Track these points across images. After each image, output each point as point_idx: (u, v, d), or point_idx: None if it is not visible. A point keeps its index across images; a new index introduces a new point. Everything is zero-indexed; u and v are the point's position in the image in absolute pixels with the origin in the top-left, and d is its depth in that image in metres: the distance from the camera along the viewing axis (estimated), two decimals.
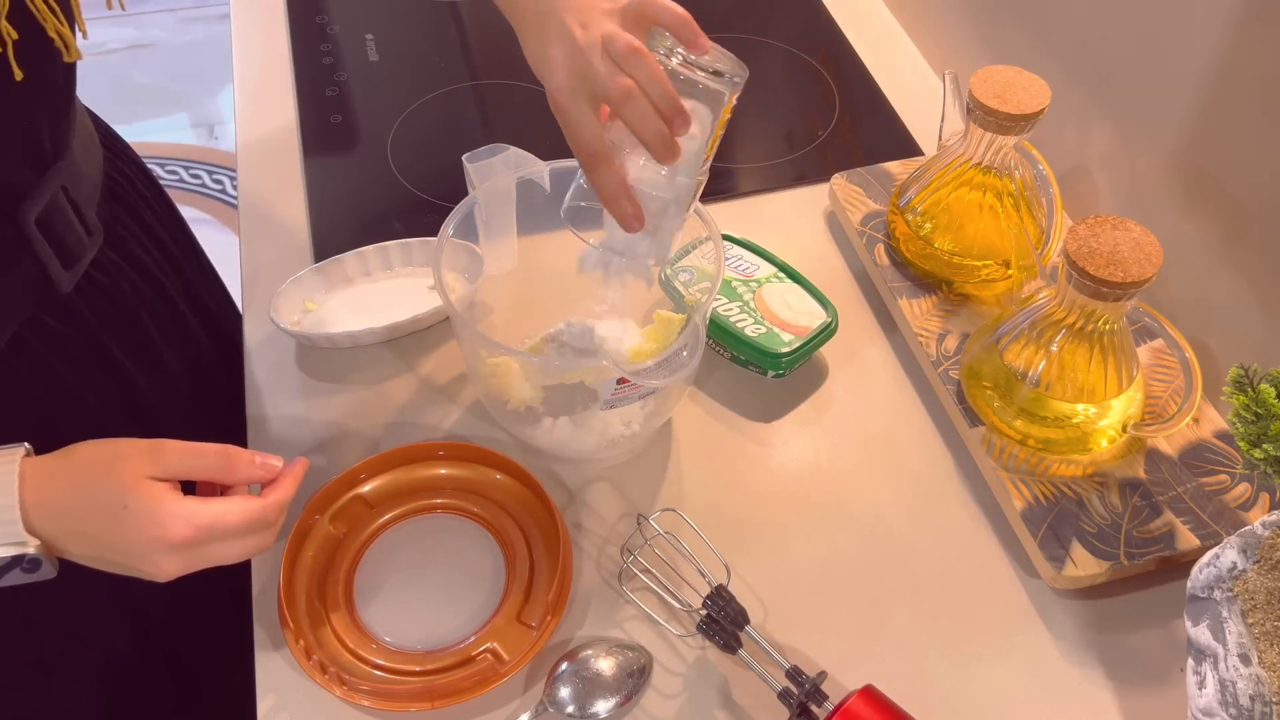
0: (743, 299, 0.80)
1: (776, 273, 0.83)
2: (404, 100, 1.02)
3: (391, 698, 0.63)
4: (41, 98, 0.64)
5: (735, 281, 0.82)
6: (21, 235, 0.64)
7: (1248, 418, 0.57)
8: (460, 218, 0.72)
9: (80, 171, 0.70)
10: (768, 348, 0.78)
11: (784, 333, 0.78)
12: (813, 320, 0.80)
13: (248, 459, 0.59)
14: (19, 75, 0.57)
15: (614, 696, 0.63)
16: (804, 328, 0.79)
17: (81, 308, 0.71)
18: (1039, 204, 0.81)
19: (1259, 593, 0.55)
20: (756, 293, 0.81)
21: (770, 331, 0.78)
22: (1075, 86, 0.86)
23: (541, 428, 0.74)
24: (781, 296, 0.81)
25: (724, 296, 0.80)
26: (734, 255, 0.84)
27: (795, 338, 0.78)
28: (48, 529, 0.54)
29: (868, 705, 0.58)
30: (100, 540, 0.55)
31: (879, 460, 0.77)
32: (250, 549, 0.59)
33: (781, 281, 0.82)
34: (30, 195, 0.64)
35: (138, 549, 0.55)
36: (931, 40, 1.09)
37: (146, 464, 0.55)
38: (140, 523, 0.54)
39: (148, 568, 0.56)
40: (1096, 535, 0.69)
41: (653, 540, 0.70)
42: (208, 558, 0.57)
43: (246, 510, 0.57)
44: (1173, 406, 0.76)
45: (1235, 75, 0.71)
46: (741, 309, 0.80)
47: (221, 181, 2.35)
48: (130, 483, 0.54)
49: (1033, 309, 0.72)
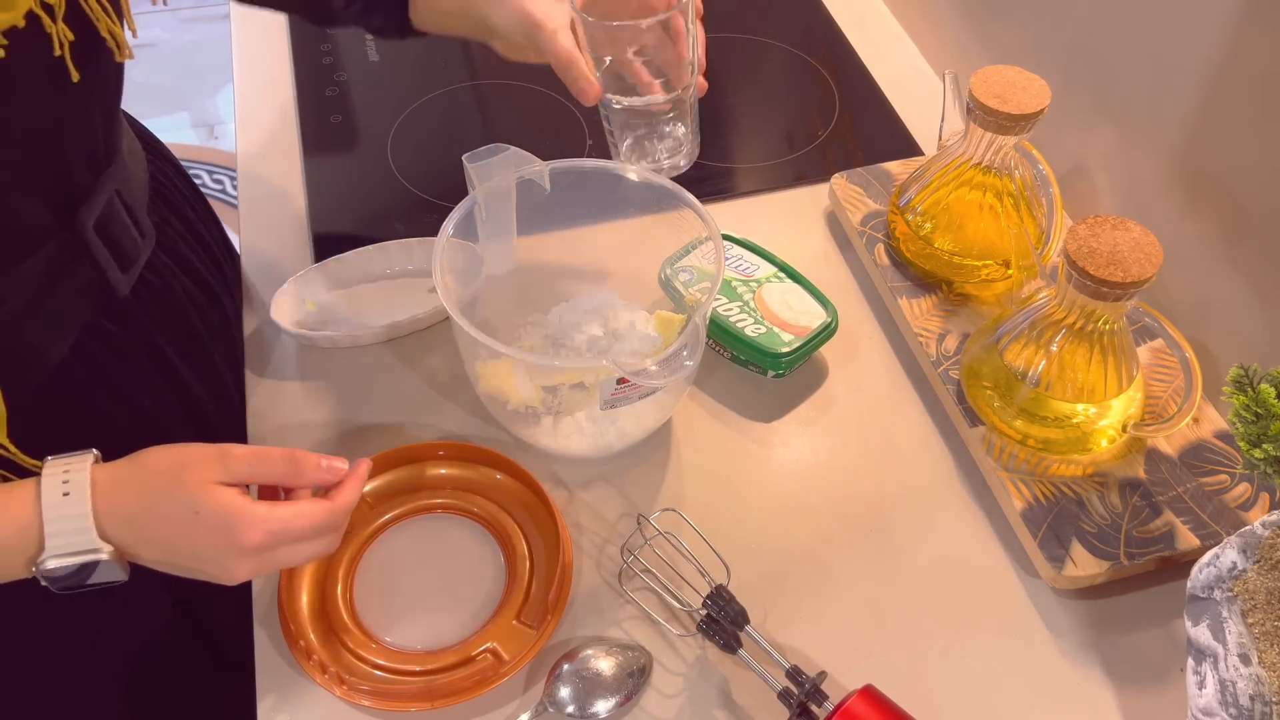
0: (743, 299, 0.80)
1: (776, 272, 0.83)
2: (404, 100, 1.02)
3: (391, 698, 0.63)
4: (95, 99, 0.64)
5: (735, 281, 0.82)
6: (81, 241, 0.65)
7: (1248, 418, 0.57)
8: (460, 218, 0.72)
9: (130, 173, 0.71)
10: (768, 348, 0.78)
11: (784, 333, 0.78)
12: (813, 320, 0.79)
13: (314, 462, 0.59)
14: (75, 76, 0.57)
15: (614, 696, 0.63)
16: (804, 328, 0.79)
17: (137, 311, 0.72)
18: (1039, 204, 0.81)
19: (1259, 593, 0.55)
20: (756, 293, 0.81)
21: (770, 331, 0.78)
22: (1075, 86, 0.86)
23: (541, 428, 0.74)
24: (781, 296, 0.81)
25: (724, 296, 0.80)
26: (734, 255, 0.84)
27: (795, 338, 0.78)
28: (120, 536, 0.55)
29: (868, 705, 0.58)
30: (172, 547, 0.56)
31: (879, 460, 0.77)
32: (318, 552, 0.59)
33: (781, 281, 0.82)
34: (87, 200, 0.65)
35: (210, 555, 0.56)
36: (931, 40, 1.09)
37: (214, 470, 0.55)
38: (212, 529, 0.55)
39: (219, 573, 0.56)
40: (1096, 535, 0.69)
41: (653, 540, 0.70)
42: (277, 561, 0.57)
43: (315, 515, 0.57)
44: (1173, 406, 0.76)
45: (1235, 75, 0.71)
46: (742, 309, 0.80)
47: (221, 181, 2.35)
48: (199, 490, 0.55)
49: (1033, 309, 0.72)
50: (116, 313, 0.70)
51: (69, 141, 0.63)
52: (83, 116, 0.64)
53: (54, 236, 0.63)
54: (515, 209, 0.76)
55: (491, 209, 0.75)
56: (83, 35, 0.58)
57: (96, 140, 0.66)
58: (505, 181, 0.74)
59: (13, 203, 0.60)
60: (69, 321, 0.66)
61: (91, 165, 0.66)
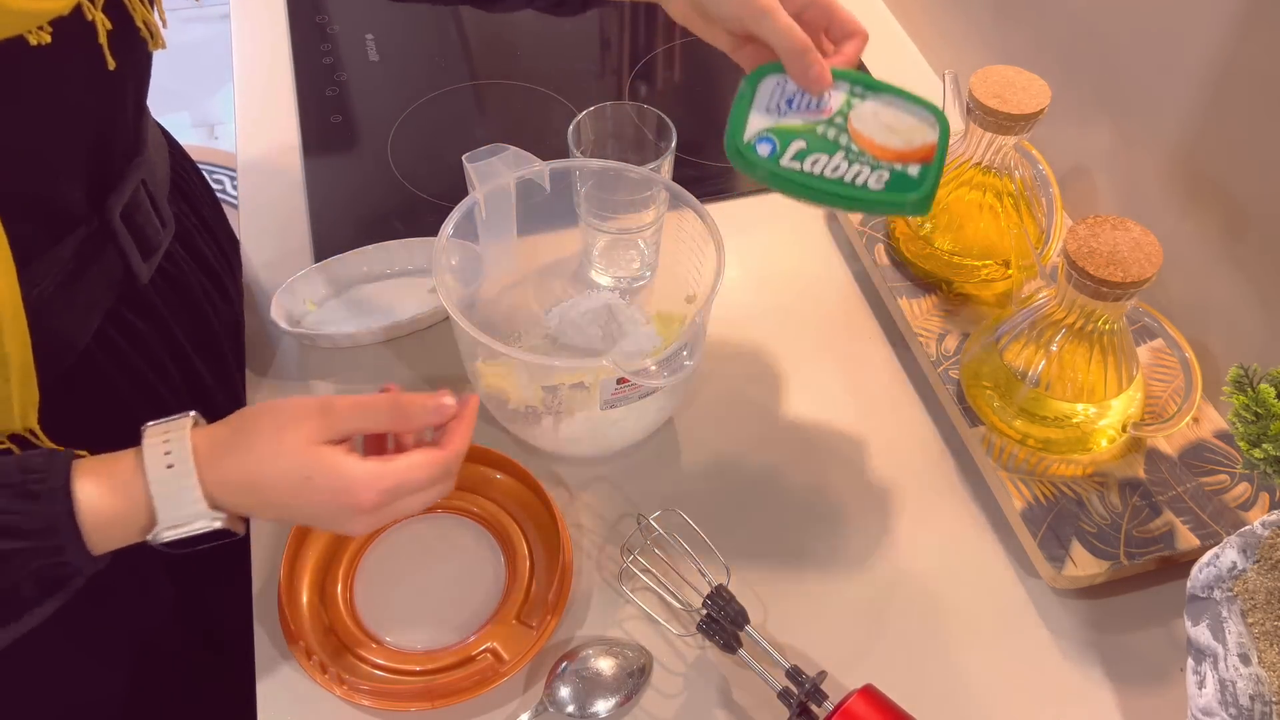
0: (839, 144, 0.63)
1: (849, 90, 0.64)
2: (404, 100, 1.02)
3: (391, 698, 0.63)
4: (129, 87, 0.65)
5: (819, 127, 0.63)
6: (108, 229, 0.66)
7: (1247, 417, 0.57)
8: (460, 218, 0.72)
9: (154, 164, 0.72)
10: (903, 194, 0.63)
11: (906, 165, 0.63)
12: (925, 130, 0.63)
13: (419, 405, 0.57)
14: (112, 64, 0.58)
15: (614, 696, 0.63)
16: (922, 147, 0.63)
17: (156, 300, 0.73)
18: (1039, 204, 0.81)
19: (1259, 592, 0.55)
20: (848, 128, 0.63)
21: (893, 171, 0.63)
22: (1075, 86, 0.86)
23: (541, 428, 0.74)
24: (876, 119, 0.64)
25: (821, 152, 0.63)
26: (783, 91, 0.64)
27: (922, 164, 0.63)
28: (233, 503, 0.54)
29: (868, 705, 0.58)
30: (290, 509, 0.56)
31: (879, 460, 0.77)
32: (434, 498, 0.59)
33: (862, 99, 0.64)
34: (116, 189, 0.66)
35: (328, 516, 0.55)
36: (931, 40, 1.09)
37: (317, 428, 0.54)
38: (327, 492, 0.54)
39: (338, 530, 0.57)
40: (1096, 535, 0.69)
41: (653, 540, 0.70)
42: (394, 513, 0.57)
43: (430, 465, 0.56)
44: (1172, 406, 0.76)
45: (1235, 75, 0.71)
46: (847, 157, 0.63)
47: (221, 181, 2.35)
48: (307, 454, 0.54)
49: (1033, 309, 0.72)
50: (137, 301, 0.71)
51: (105, 129, 0.64)
52: (118, 104, 0.64)
53: (85, 222, 0.64)
54: (515, 209, 0.76)
55: (491, 209, 0.75)
56: (119, 24, 0.59)
57: (128, 129, 0.67)
58: (505, 181, 0.74)
59: (54, 188, 0.61)
60: (94, 308, 0.67)
61: (123, 153, 0.67)
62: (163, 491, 0.53)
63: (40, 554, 0.51)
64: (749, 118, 0.63)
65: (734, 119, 0.63)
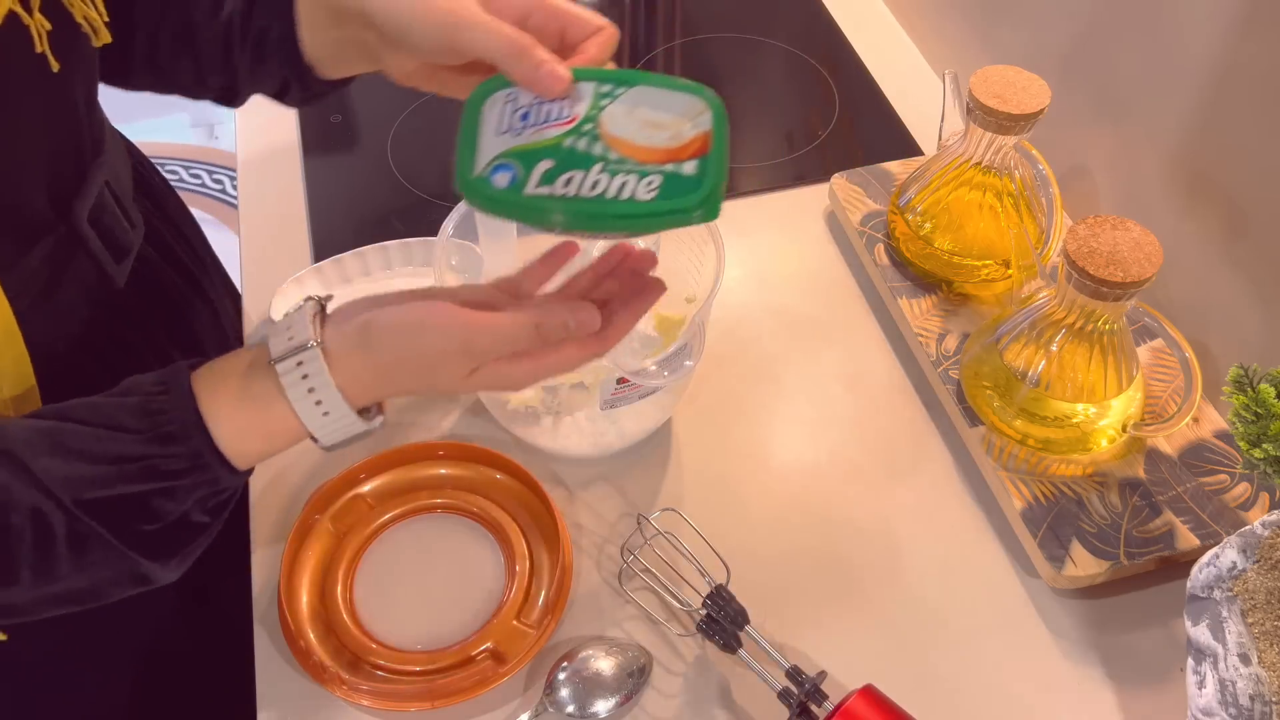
0: (595, 155, 0.51)
1: (596, 91, 0.52)
2: (404, 100, 1.02)
3: (391, 698, 0.63)
4: (78, 88, 0.64)
5: (566, 140, 0.51)
6: (77, 234, 0.65)
7: (1247, 417, 0.57)
8: (460, 218, 0.72)
9: (116, 164, 0.71)
10: (677, 201, 0.50)
11: (681, 164, 0.51)
12: (695, 120, 0.51)
13: (559, 324, 0.54)
14: (55, 66, 0.57)
15: (614, 696, 0.63)
16: (692, 139, 0.51)
17: (135, 304, 0.72)
18: (1039, 204, 0.81)
19: (1259, 592, 0.55)
20: (599, 131, 0.51)
21: (665, 175, 0.50)
22: (1075, 86, 0.86)
23: (541, 428, 0.74)
24: (633, 117, 0.52)
25: (574, 169, 0.51)
26: (518, 107, 0.53)
27: (695, 159, 0.51)
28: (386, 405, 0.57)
29: (868, 705, 0.58)
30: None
31: (879, 460, 0.77)
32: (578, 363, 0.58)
33: (612, 99, 0.52)
34: (80, 192, 0.65)
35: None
36: (931, 40, 1.09)
37: (464, 365, 0.54)
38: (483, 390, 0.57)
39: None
40: (1096, 535, 0.69)
41: (653, 540, 0.70)
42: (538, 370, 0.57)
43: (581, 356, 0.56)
44: (1172, 406, 0.76)
45: (1235, 75, 0.71)
46: (607, 169, 0.51)
47: (221, 181, 2.35)
48: (459, 386, 0.55)
49: (1033, 309, 0.72)
50: (115, 306, 0.70)
51: (59, 132, 0.63)
52: (68, 106, 0.63)
53: (51, 230, 0.63)
54: None
55: None
56: (59, 23, 0.57)
57: (82, 131, 0.66)
58: None
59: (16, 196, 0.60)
60: (72, 316, 0.66)
61: (80, 156, 0.66)
62: (321, 429, 0.55)
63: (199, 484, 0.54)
64: (478, 146, 0.52)
65: (460, 150, 0.52)
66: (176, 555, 0.57)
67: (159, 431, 0.53)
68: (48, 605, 0.55)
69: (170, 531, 0.55)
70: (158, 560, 0.56)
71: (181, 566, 0.58)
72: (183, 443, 0.53)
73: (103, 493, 0.52)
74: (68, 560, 0.53)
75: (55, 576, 0.53)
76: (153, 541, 0.55)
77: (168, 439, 0.53)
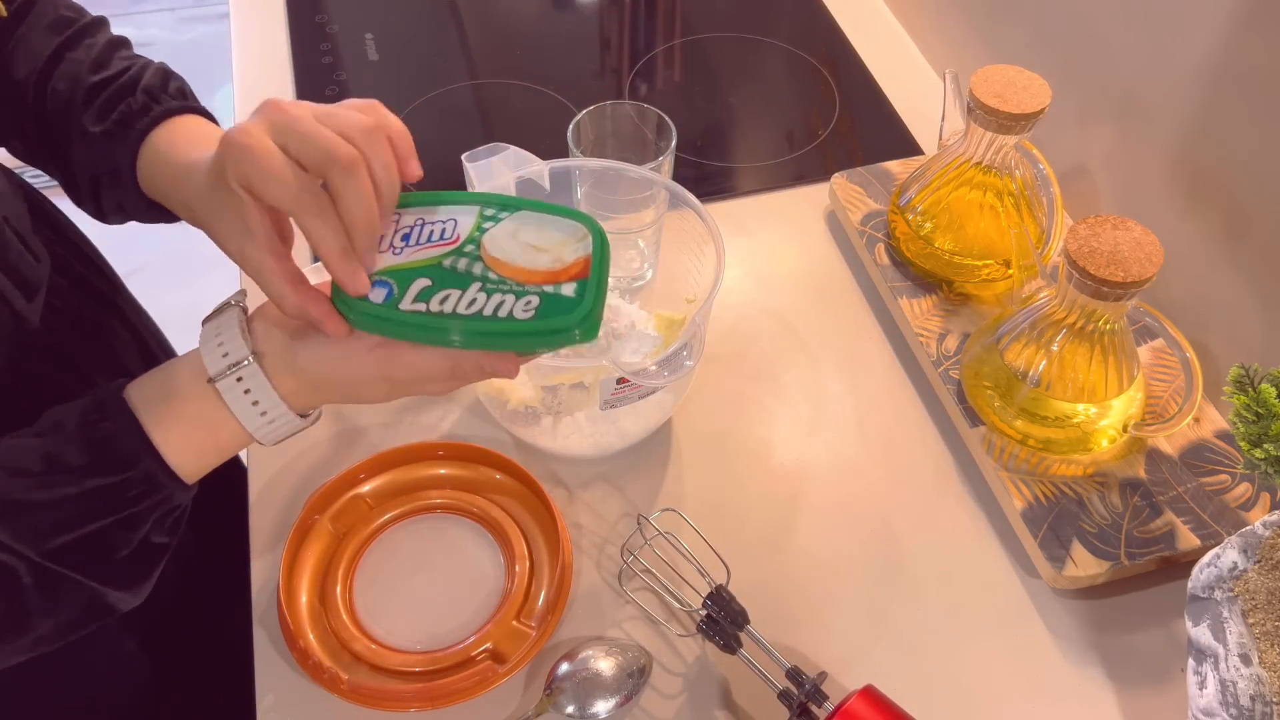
0: (473, 275, 0.53)
1: (481, 214, 0.55)
2: (404, 100, 1.02)
3: (391, 698, 0.63)
4: None
5: (445, 259, 0.54)
6: None
7: (1248, 417, 0.57)
8: None
9: (9, 198, 0.68)
10: (561, 320, 0.52)
11: (560, 286, 0.53)
12: (576, 245, 0.54)
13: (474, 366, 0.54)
14: None
15: (614, 696, 0.63)
16: (574, 262, 0.54)
17: (53, 341, 0.69)
18: (1039, 203, 0.81)
19: (1259, 593, 0.55)
20: (481, 253, 0.54)
21: (543, 295, 0.52)
22: (1075, 86, 0.86)
23: (541, 428, 0.74)
24: (515, 240, 0.55)
25: (450, 288, 0.53)
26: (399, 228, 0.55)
27: (576, 281, 0.53)
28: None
29: (868, 705, 0.58)
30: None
31: (879, 460, 0.77)
32: None
33: (495, 221, 0.55)
34: None
35: None
36: (931, 40, 1.09)
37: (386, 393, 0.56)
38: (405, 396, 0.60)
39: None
40: (1097, 535, 0.69)
41: (653, 540, 0.70)
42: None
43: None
44: (1173, 406, 0.76)
45: (1235, 75, 0.71)
46: (484, 288, 0.53)
47: None
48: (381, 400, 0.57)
49: (1033, 309, 0.72)
50: (33, 347, 0.67)
51: None
52: None
53: None
54: None
55: None
56: None
57: None
58: (504, 181, 0.74)
59: None
60: None
61: None
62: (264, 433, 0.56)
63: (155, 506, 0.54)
64: None
65: None
66: (144, 580, 0.57)
67: (108, 461, 0.52)
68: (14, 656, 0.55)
69: (135, 558, 0.55)
70: (126, 589, 0.56)
71: (145, 591, 0.57)
72: (134, 467, 0.52)
73: (67, 537, 0.52)
74: (40, 611, 0.53)
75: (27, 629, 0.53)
76: (120, 572, 0.55)
77: (119, 466, 0.52)
